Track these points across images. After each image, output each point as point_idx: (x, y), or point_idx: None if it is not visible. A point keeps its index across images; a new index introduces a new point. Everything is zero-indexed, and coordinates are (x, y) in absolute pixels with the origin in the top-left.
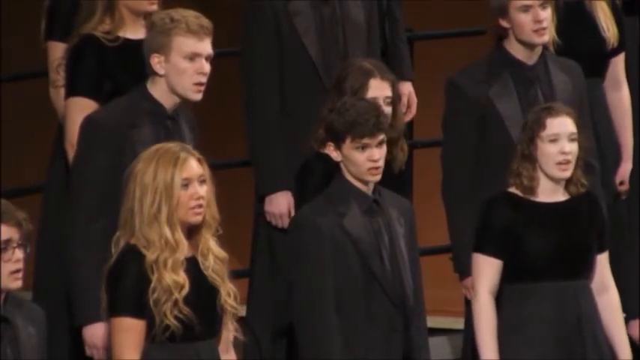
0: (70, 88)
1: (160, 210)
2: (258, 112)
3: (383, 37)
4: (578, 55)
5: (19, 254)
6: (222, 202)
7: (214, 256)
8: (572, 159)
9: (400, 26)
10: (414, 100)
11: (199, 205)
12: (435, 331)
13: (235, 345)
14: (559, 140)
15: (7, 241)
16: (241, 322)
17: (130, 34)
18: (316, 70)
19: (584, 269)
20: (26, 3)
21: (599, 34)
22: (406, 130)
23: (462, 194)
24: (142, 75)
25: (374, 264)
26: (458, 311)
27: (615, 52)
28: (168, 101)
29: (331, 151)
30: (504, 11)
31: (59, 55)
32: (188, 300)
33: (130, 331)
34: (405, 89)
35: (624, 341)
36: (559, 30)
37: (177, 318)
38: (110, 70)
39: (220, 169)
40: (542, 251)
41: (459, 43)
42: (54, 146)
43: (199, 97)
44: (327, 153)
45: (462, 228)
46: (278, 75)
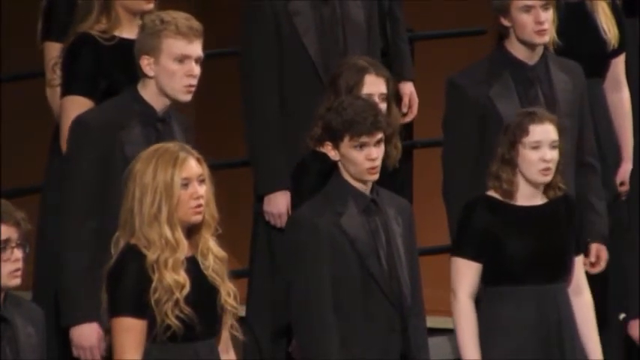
0: (66, 86)
1: (160, 210)
2: (257, 111)
3: (384, 36)
4: (578, 56)
5: (17, 254)
6: (221, 202)
7: (214, 256)
8: (552, 166)
9: (401, 26)
10: (415, 100)
11: (199, 205)
12: (435, 331)
13: (235, 345)
14: (541, 147)
15: (6, 241)
16: (241, 322)
17: (127, 33)
18: (316, 70)
19: (562, 272)
20: (26, 3)
21: (599, 34)
22: (406, 130)
23: (462, 194)
24: (137, 75)
25: (371, 263)
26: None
27: (616, 52)
28: (158, 103)
29: (329, 151)
30: (506, 10)
31: (56, 54)
32: (189, 300)
33: (131, 331)
34: (407, 89)
35: (596, 342)
36: (559, 30)
37: (178, 318)
38: (106, 70)
39: (220, 168)
40: (521, 255)
41: (459, 43)
42: (51, 146)
43: (189, 98)
44: (323, 151)
45: None
46: (278, 75)
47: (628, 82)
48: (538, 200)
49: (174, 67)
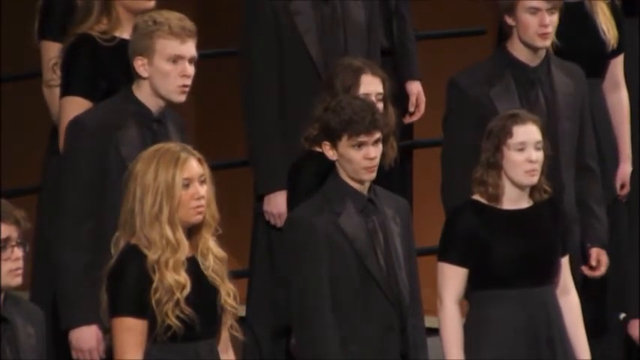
0: (65, 87)
1: (161, 210)
2: (257, 111)
3: (390, 36)
4: (577, 56)
5: (18, 253)
6: (221, 202)
7: (214, 256)
8: (538, 167)
9: (408, 26)
10: (422, 100)
11: (200, 205)
12: (434, 331)
13: (235, 345)
14: (526, 148)
15: (6, 240)
16: (241, 322)
17: (127, 34)
18: (316, 70)
19: (550, 275)
20: (26, 3)
21: (599, 35)
22: (406, 130)
23: (461, 195)
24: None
25: (370, 263)
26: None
27: (615, 53)
28: (153, 104)
29: (327, 150)
30: (511, 9)
31: (53, 55)
32: (189, 300)
33: (132, 331)
34: (414, 89)
35: (585, 342)
36: (559, 31)
37: (178, 318)
38: (105, 70)
39: (220, 169)
40: (508, 258)
41: (459, 43)
42: (49, 146)
43: (183, 98)
44: (318, 151)
45: None
46: (278, 75)
47: (626, 82)
48: (524, 203)
49: (167, 68)
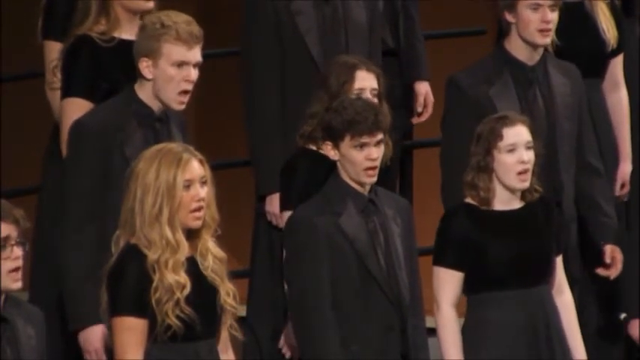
0: (66, 89)
1: (162, 211)
2: (258, 112)
3: (396, 36)
4: (577, 56)
5: (17, 252)
6: (222, 202)
7: (213, 256)
8: (530, 167)
9: (417, 25)
10: (430, 100)
11: (200, 207)
12: (435, 332)
13: (235, 345)
14: (517, 150)
15: (6, 239)
16: (241, 322)
17: (126, 34)
18: (318, 70)
19: (545, 274)
20: (26, 3)
21: (599, 35)
22: (408, 130)
23: (461, 195)
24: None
25: (370, 263)
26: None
27: (614, 53)
28: (155, 103)
29: (328, 151)
30: (512, 6)
31: (55, 56)
32: (189, 300)
33: (132, 331)
34: (422, 89)
35: (580, 341)
36: (559, 30)
37: (178, 318)
38: (105, 71)
39: (221, 169)
40: (503, 259)
41: (459, 43)
42: (48, 147)
43: (182, 107)
44: (312, 149)
45: None
46: (279, 75)
47: (626, 82)
48: (515, 204)
49: (172, 73)
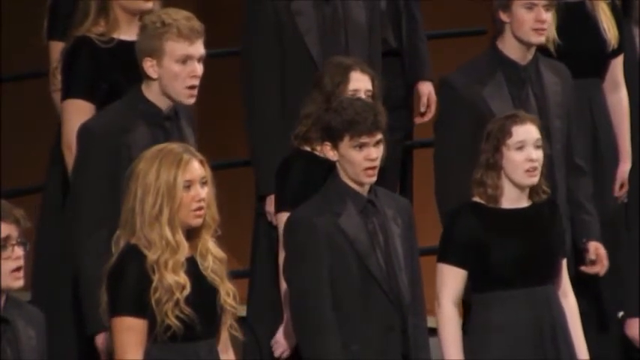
0: (66, 90)
1: (162, 211)
2: (258, 112)
3: (399, 37)
4: (578, 56)
5: (18, 251)
6: (222, 202)
7: (213, 257)
8: (538, 166)
9: (419, 26)
10: (433, 100)
11: (200, 208)
12: (436, 331)
13: (235, 345)
14: (525, 147)
15: (6, 239)
16: (241, 322)
17: (125, 35)
18: (317, 70)
19: (550, 274)
20: (26, 3)
21: (600, 35)
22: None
23: (455, 195)
24: (137, 76)
25: (371, 263)
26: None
27: (615, 53)
28: (163, 102)
29: (327, 151)
30: (507, 5)
31: (57, 57)
32: (189, 300)
33: (132, 331)
34: (425, 89)
35: (583, 342)
36: (560, 30)
37: (178, 318)
38: (105, 72)
39: (221, 169)
40: (509, 258)
41: (459, 43)
42: (52, 152)
43: (192, 101)
44: (307, 149)
45: None
46: (279, 75)
47: (626, 82)
48: (523, 203)
49: (177, 69)
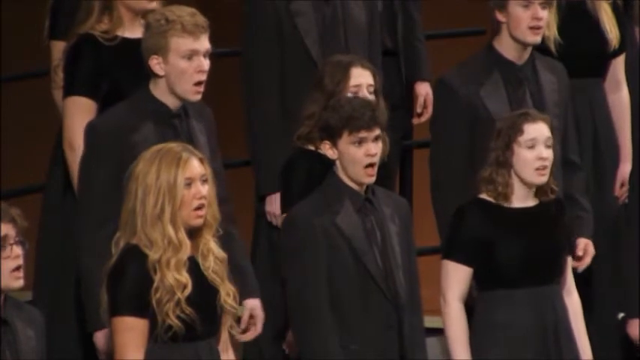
0: (68, 87)
1: (164, 210)
2: (258, 112)
3: (394, 37)
4: (579, 55)
5: (17, 251)
6: None
7: (214, 257)
8: (549, 164)
9: (418, 26)
10: (430, 100)
11: (201, 205)
12: (433, 331)
13: (235, 345)
14: (536, 146)
15: (4, 238)
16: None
17: (129, 33)
18: (317, 70)
19: (556, 273)
20: (26, 3)
21: (601, 34)
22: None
23: (452, 195)
24: (141, 74)
25: (368, 261)
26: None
27: (616, 53)
28: (172, 100)
29: (327, 150)
30: (503, 5)
31: (59, 56)
32: (190, 300)
33: (133, 331)
34: (423, 89)
35: (586, 342)
36: (561, 29)
37: (179, 318)
38: (108, 70)
39: None
40: (515, 257)
41: (459, 43)
42: (53, 150)
43: (198, 97)
44: (310, 149)
45: None
46: (279, 75)
47: (627, 82)
48: (530, 202)
49: (183, 65)
